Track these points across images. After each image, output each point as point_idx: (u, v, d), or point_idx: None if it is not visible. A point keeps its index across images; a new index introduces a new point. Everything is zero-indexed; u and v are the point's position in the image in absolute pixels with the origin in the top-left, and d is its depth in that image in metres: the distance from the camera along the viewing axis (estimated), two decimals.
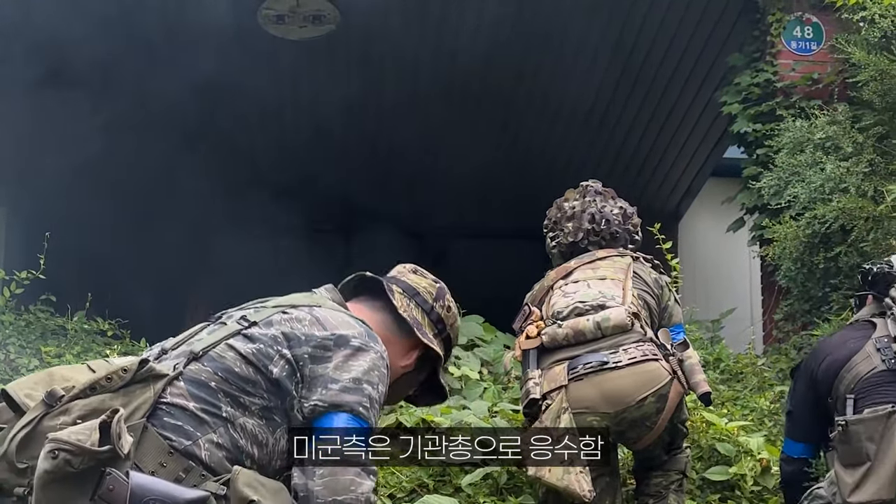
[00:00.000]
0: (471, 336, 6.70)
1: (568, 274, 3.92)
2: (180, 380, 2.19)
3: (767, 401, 5.33)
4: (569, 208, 4.12)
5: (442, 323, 2.62)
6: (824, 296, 5.82)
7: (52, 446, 1.96)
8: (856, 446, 3.14)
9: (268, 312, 2.35)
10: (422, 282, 2.63)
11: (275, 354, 2.24)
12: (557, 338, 3.65)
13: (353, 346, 2.29)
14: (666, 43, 7.87)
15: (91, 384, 2.11)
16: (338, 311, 2.39)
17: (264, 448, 2.23)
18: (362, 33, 7.62)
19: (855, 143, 5.77)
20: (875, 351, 3.32)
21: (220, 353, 2.25)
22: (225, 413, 2.18)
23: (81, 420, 2.05)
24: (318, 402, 2.22)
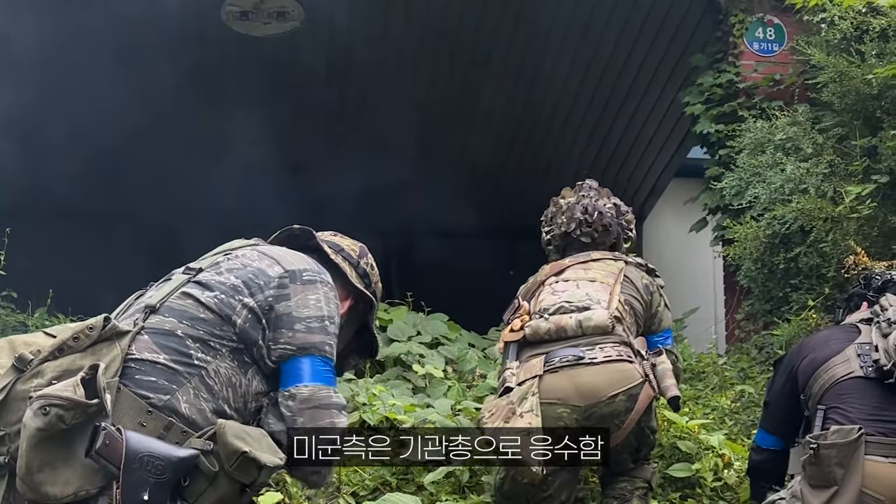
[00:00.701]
0: (435, 334, 6.71)
1: (561, 271, 3.98)
2: (144, 333, 2.17)
3: (728, 400, 5.37)
4: (563, 204, 4.20)
5: (368, 278, 2.67)
6: (785, 296, 5.86)
7: (42, 402, 1.92)
8: (825, 470, 3.14)
9: (211, 259, 2.38)
10: (344, 241, 2.70)
11: (237, 304, 2.25)
12: (539, 331, 3.70)
13: (306, 280, 2.34)
14: (629, 43, 7.91)
15: (59, 345, 2.08)
16: (276, 248, 2.45)
17: (238, 390, 2.23)
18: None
19: (815, 144, 5.81)
20: (855, 356, 3.32)
21: (178, 302, 2.25)
22: (197, 360, 2.18)
23: (56, 381, 2.02)
24: (287, 346, 2.26)
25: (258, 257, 2.36)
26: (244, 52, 7.80)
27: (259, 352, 2.26)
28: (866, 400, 3.24)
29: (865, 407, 3.22)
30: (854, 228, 5.33)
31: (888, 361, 3.20)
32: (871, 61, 5.53)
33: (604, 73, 8.30)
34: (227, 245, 2.50)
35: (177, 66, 7.72)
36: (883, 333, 3.30)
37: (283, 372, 2.27)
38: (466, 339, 6.99)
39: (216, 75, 8.05)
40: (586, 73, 8.30)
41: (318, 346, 2.29)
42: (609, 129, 9.09)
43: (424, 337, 6.60)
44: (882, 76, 5.30)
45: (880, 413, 3.20)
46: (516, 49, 8.07)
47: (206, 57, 7.81)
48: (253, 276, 2.30)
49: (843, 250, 5.25)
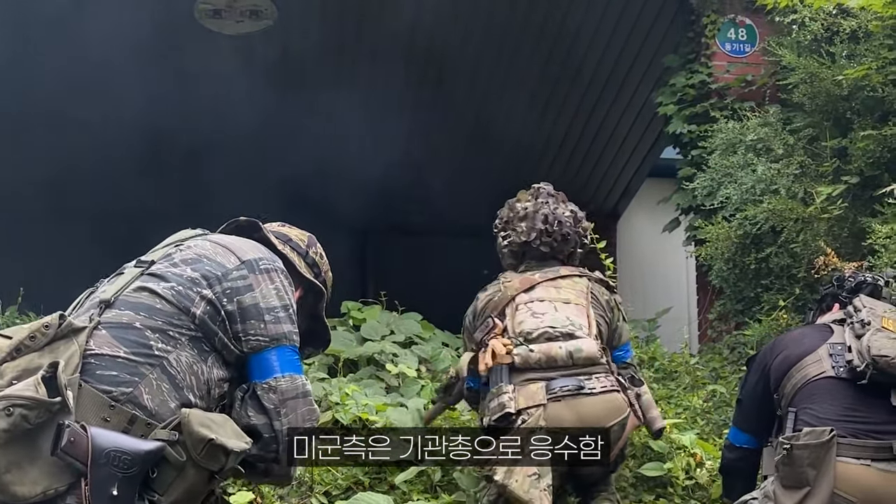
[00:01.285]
0: (409, 333, 6.71)
1: (531, 287, 3.91)
2: (101, 328, 2.18)
3: (700, 399, 5.40)
4: (521, 209, 4.14)
5: (317, 267, 2.70)
6: (756, 296, 5.90)
7: (5, 403, 1.92)
8: (798, 471, 3.16)
9: (162, 251, 2.39)
10: (292, 231, 2.72)
11: (195, 296, 2.27)
12: (530, 360, 3.67)
13: (263, 268, 2.38)
14: (603, 43, 7.94)
15: (16, 346, 2.08)
16: (227, 237, 2.46)
17: (200, 378, 2.25)
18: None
19: (786, 144, 5.85)
20: (827, 356, 3.34)
21: (133, 295, 2.25)
22: (157, 350, 2.19)
23: (16, 381, 2.01)
24: (260, 337, 2.31)
25: (212, 247, 2.37)
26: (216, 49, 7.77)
27: (221, 341, 2.28)
28: (838, 401, 3.26)
29: (837, 408, 3.25)
30: (824, 229, 5.37)
31: (861, 362, 3.22)
32: (841, 62, 5.58)
33: (577, 72, 8.32)
34: (176, 236, 2.50)
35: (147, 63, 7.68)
36: (856, 334, 3.32)
37: (257, 362, 2.32)
38: (440, 339, 6.99)
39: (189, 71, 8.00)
40: (560, 72, 8.32)
41: (288, 335, 2.35)
42: (583, 129, 9.12)
43: (398, 336, 6.59)
44: (852, 77, 5.34)
45: (851, 414, 3.23)
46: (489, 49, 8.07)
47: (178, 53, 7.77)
48: (210, 268, 2.31)
49: (814, 251, 5.29)
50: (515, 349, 3.68)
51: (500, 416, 3.55)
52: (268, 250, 2.46)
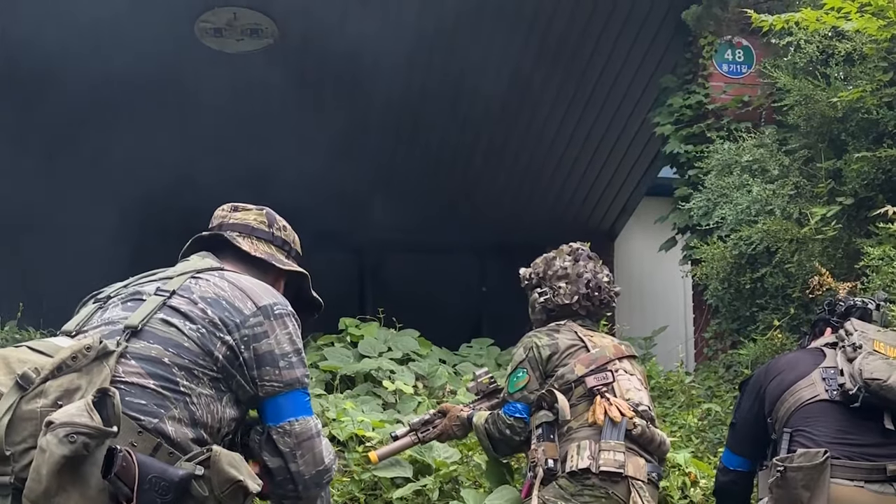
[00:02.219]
0: (406, 350, 6.73)
1: (621, 358, 3.90)
2: (130, 358, 2.23)
3: (695, 418, 5.43)
4: (560, 267, 4.09)
5: (287, 244, 2.74)
6: (751, 315, 5.93)
7: (69, 430, 1.95)
8: (792, 493, 3.19)
9: (180, 280, 2.43)
10: (249, 216, 2.72)
11: (217, 341, 2.33)
12: (643, 436, 3.69)
13: (278, 314, 2.44)
14: (601, 63, 7.99)
15: (59, 365, 2.10)
16: (243, 277, 2.50)
17: (215, 416, 2.31)
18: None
19: (781, 165, 5.90)
20: (820, 379, 3.37)
21: (161, 328, 2.30)
22: (182, 387, 2.25)
23: (61, 402, 2.05)
24: (275, 383, 2.39)
25: (230, 289, 2.42)
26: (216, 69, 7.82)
27: (237, 382, 2.36)
28: (831, 423, 3.29)
29: (830, 430, 3.27)
30: (819, 250, 5.40)
31: (853, 385, 3.25)
32: (836, 85, 5.62)
33: (576, 92, 8.36)
34: (191, 264, 2.53)
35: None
36: (848, 358, 3.35)
37: (272, 406, 2.41)
38: (437, 355, 7.01)
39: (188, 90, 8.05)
40: (558, 92, 8.37)
41: (300, 379, 2.44)
42: (580, 148, 9.16)
43: (395, 353, 6.61)
44: (847, 99, 5.38)
45: (845, 436, 3.25)
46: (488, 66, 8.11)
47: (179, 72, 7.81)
48: (228, 313, 2.37)
49: (809, 271, 5.32)
50: (638, 419, 3.69)
51: (614, 471, 3.56)
52: (277, 293, 2.51)
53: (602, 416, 3.66)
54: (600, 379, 3.78)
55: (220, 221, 2.72)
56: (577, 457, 3.61)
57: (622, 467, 3.57)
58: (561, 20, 7.54)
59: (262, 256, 2.63)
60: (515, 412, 3.84)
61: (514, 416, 3.84)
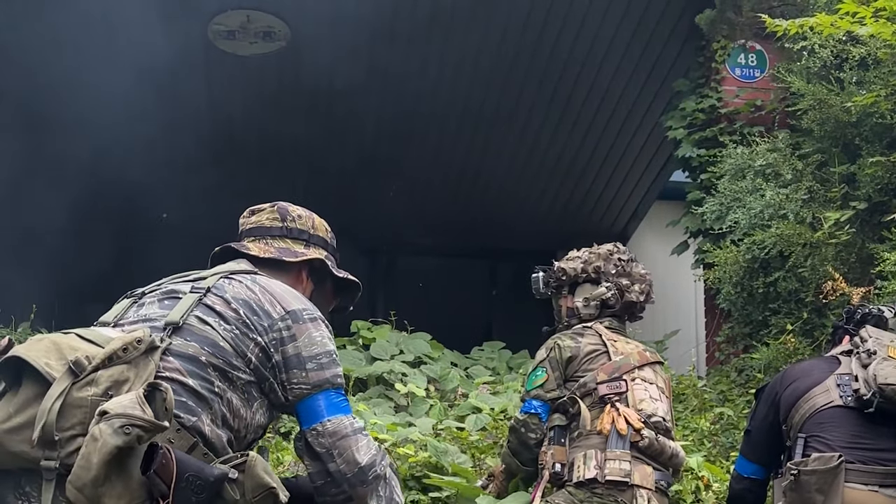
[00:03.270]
0: (418, 353, 6.74)
1: (642, 366, 3.87)
2: (169, 355, 2.22)
3: (708, 422, 5.42)
4: (621, 265, 4.07)
5: (304, 232, 2.71)
6: (764, 319, 5.92)
7: (124, 421, 1.93)
8: (805, 496, 3.19)
9: (214, 279, 2.43)
10: (263, 216, 2.71)
11: (250, 343, 2.32)
12: (652, 448, 3.69)
13: (308, 318, 2.41)
14: (613, 67, 7.98)
15: (110, 355, 2.10)
16: (274, 282, 2.48)
17: (242, 421, 2.30)
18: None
19: (794, 170, 5.89)
20: (835, 386, 3.37)
21: (199, 327, 2.30)
22: (217, 388, 2.24)
23: (111, 392, 2.04)
24: (303, 385, 2.35)
25: (261, 293, 2.41)
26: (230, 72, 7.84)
27: (270, 386, 2.35)
28: (846, 428, 3.29)
29: (845, 435, 3.28)
30: (832, 254, 5.40)
31: (868, 391, 3.25)
32: (850, 89, 5.61)
33: (588, 96, 8.36)
34: (226, 266, 2.53)
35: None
36: (863, 364, 3.35)
37: (304, 410, 2.37)
38: (449, 358, 7.02)
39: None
40: (570, 96, 8.37)
41: (331, 380, 2.39)
42: (593, 152, 9.16)
43: (407, 356, 6.62)
44: (861, 104, 5.37)
45: (859, 441, 3.26)
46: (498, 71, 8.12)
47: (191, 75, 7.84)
48: (258, 316, 2.36)
49: (822, 276, 5.31)
50: (646, 430, 3.68)
51: (620, 480, 3.57)
52: (306, 300, 2.50)
53: (608, 426, 3.66)
54: (613, 388, 3.77)
55: (241, 230, 2.73)
56: (583, 466, 3.62)
57: (628, 476, 3.58)
58: (573, 23, 7.54)
59: (270, 256, 2.61)
60: (530, 408, 3.85)
61: (527, 412, 3.85)
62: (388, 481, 2.41)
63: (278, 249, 2.64)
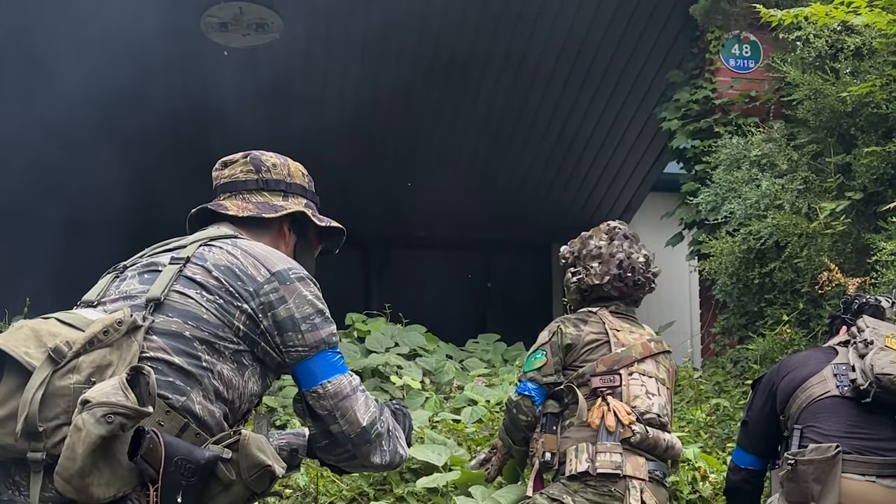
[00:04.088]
0: (413, 345, 6.74)
1: (644, 358, 3.84)
2: (152, 333, 2.16)
3: (704, 413, 5.42)
4: (594, 247, 4.00)
5: (282, 182, 2.62)
6: (760, 310, 5.92)
7: (106, 410, 1.90)
8: (803, 486, 3.19)
9: (193, 248, 2.36)
10: (235, 170, 2.62)
11: (235, 311, 2.26)
12: (644, 443, 3.67)
13: (294, 277, 2.34)
14: (607, 59, 7.97)
15: (90, 339, 2.05)
16: (256, 244, 2.42)
17: (235, 391, 2.25)
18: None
19: (790, 160, 5.88)
20: (832, 376, 3.37)
21: (180, 301, 2.23)
22: (205, 362, 2.18)
23: (93, 378, 2.00)
24: (300, 348, 2.30)
25: (242, 256, 2.34)
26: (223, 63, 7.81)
27: (263, 349, 2.29)
28: (842, 419, 3.29)
29: (841, 425, 3.28)
30: (828, 244, 5.40)
31: (865, 381, 3.25)
32: (845, 79, 5.61)
33: (581, 88, 8.35)
34: (205, 233, 2.46)
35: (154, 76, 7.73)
36: (860, 354, 3.35)
37: (302, 372, 2.33)
38: (444, 351, 7.02)
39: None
40: (564, 87, 8.35)
41: (327, 339, 2.34)
42: (586, 144, 9.15)
43: (402, 348, 6.62)
44: (856, 94, 5.36)
45: (856, 431, 3.26)
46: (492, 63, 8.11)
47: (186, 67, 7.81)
48: (241, 282, 2.29)
49: (818, 266, 5.31)
50: (636, 425, 3.66)
51: (612, 472, 3.56)
52: (290, 259, 2.43)
53: (597, 421, 3.66)
54: (606, 381, 3.75)
55: (215, 184, 2.63)
56: (575, 460, 3.62)
57: (619, 468, 3.57)
58: (567, 13, 7.52)
59: (250, 214, 2.53)
60: (524, 390, 3.83)
61: (521, 393, 3.83)
62: (391, 434, 2.40)
63: (256, 205, 2.55)
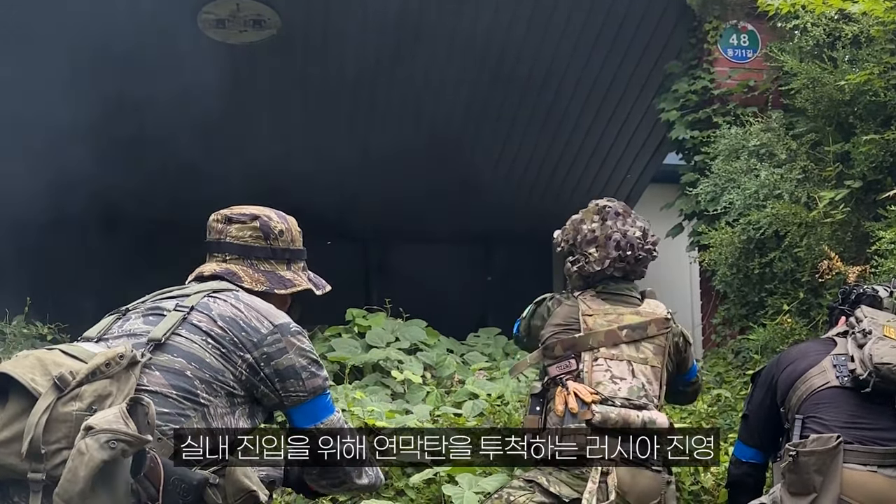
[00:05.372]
0: (414, 340, 6.73)
1: (616, 343, 3.78)
2: (154, 369, 2.33)
3: (705, 404, 5.41)
4: (588, 231, 3.94)
5: (287, 250, 2.76)
6: (760, 301, 5.91)
7: (109, 437, 2.03)
8: (804, 477, 3.19)
9: (197, 297, 2.52)
10: (245, 232, 2.71)
11: (238, 360, 2.45)
12: (608, 422, 3.60)
13: (294, 331, 2.56)
14: (605, 50, 7.95)
15: (93, 370, 2.19)
16: (257, 300, 2.59)
17: (228, 428, 2.42)
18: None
19: (789, 150, 5.87)
20: (831, 367, 3.37)
21: (185, 343, 2.40)
22: (202, 399, 2.36)
23: (94, 406, 2.14)
24: (300, 393, 2.54)
25: (245, 310, 2.51)
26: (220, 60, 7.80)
27: (262, 392, 2.49)
28: (843, 409, 3.29)
29: (842, 416, 3.28)
30: (828, 233, 5.39)
31: (864, 371, 3.25)
32: (843, 67, 5.59)
33: (579, 79, 8.33)
34: (208, 285, 2.60)
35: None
36: (858, 344, 3.35)
37: (301, 413, 2.57)
38: (445, 345, 7.01)
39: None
40: (562, 78, 8.34)
41: (323, 385, 2.59)
42: (586, 135, 9.13)
43: (403, 343, 6.61)
44: (854, 82, 5.36)
45: (857, 421, 3.26)
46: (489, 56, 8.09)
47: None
48: (245, 333, 2.47)
49: (818, 255, 5.31)
50: (597, 406, 3.60)
51: (574, 457, 3.52)
52: (288, 316, 2.63)
53: (561, 407, 3.64)
54: (562, 367, 3.73)
55: (217, 237, 2.73)
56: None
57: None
58: (564, 4, 7.50)
59: (263, 289, 2.68)
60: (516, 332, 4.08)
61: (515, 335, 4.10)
62: (371, 462, 2.69)
63: (267, 278, 2.70)
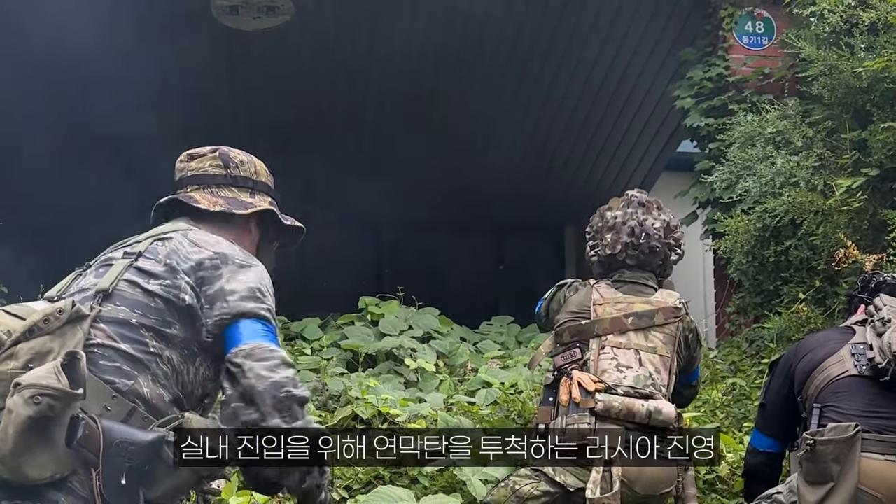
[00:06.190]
0: (427, 328, 6.72)
1: (623, 331, 3.76)
2: (100, 321, 2.23)
3: (720, 393, 5.39)
4: (610, 217, 3.97)
5: (249, 179, 2.64)
6: (775, 289, 5.88)
7: (33, 392, 1.98)
8: (821, 466, 3.17)
9: (146, 243, 2.40)
10: (205, 162, 2.63)
11: (181, 283, 2.30)
12: (611, 411, 3.58)
13: (238, 263, 2.36)
14: (620, 36, 7.92)
15: (30, 327, 2.12)
16: (209, 235, 2.45)
17: (186, 377, 2.30)
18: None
19: (805, 137, 5.83)
20: (849, 355, 3.36)
21: (128, 291, 2.30)
22: (152, 348, 2.25)
23: (31, 364, 2.07)
24: (223, 314, 2.27)
25: (190, 243, 2.39)
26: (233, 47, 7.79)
27: (207, 333, 2.30)
28: (861, 398, 3.27)
29: (860, 405, 3.26)
30: (844, 221, 5.35)
31: (883, 359, 3.23)
32: (860, 54, 5.55)
33: (594, 67, 8.30)
34: (160, 228, 2.50)
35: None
36: (877, 333, 3.33)
37: (225, 339, 2.27)
38: (458, 333, 7.00)
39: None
40: (576, 67, 8.31)
41: (253, 310, 2.28)
42: (599, 123, 9.10)
43: (416, 331, 6.61)
44: (871, 69, 5.32)
45: (875, 410, 3.24)
46: (504, 44, 8.06)
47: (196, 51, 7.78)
48: (187, 261, 2.34)
49: (834, 243, 5.27)
50: (600, 395, 3.58)
51: (577, 447, 3.49)
52: (242, 251, 2.45)
53: (566, 398, 3.62)
54: (567, 357, 3.73)
55: (180, 175, 2.65)
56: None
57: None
58: None
59: (221, 209, 2.54)
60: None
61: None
62: (304, 413, 2.23)
63: (227, 200, 2.57)
